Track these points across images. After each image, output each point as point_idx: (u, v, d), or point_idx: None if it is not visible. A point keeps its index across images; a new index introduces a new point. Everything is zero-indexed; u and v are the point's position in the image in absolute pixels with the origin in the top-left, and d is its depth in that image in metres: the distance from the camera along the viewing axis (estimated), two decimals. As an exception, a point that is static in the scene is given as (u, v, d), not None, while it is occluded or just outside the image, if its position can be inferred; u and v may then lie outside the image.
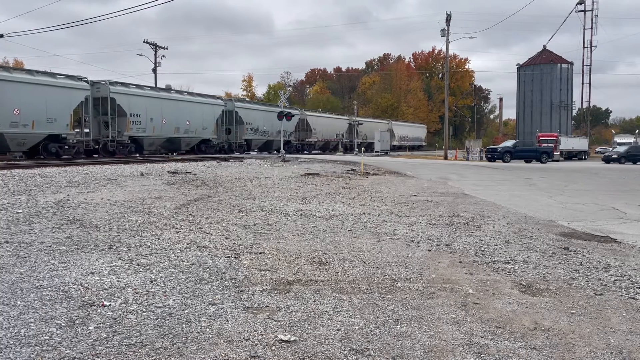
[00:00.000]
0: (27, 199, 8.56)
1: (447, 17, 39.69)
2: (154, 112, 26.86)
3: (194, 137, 30.37)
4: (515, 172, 22.03)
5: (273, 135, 38.33)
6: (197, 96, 31.72)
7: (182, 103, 29.24)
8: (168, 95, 28.63)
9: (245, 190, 11.15)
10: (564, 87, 59.70)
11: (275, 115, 38.51)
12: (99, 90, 24.06)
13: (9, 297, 3.73)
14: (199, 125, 30.31)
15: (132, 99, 25.50)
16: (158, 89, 28.49)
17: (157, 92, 28.12)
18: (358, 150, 42.47)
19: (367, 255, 5.42)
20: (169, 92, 29.12)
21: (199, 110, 30.34)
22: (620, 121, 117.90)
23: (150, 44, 45.22)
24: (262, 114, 37.50)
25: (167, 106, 27.94)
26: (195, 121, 29.89)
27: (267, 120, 37.31)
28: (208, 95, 33.65)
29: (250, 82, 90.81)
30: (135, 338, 3.10)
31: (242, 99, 38.70)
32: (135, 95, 25.88)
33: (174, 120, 28.39)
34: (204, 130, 30.76)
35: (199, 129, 30.36)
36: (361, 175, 17.33)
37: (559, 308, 3.88)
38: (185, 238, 5.93)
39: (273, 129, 38.00)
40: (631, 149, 39.59)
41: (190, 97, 30.85)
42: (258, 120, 36.68)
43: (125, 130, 25.20)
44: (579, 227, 7.50)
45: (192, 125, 29.68)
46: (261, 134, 37.29)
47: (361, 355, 2.97)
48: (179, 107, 28.85)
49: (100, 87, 24.15)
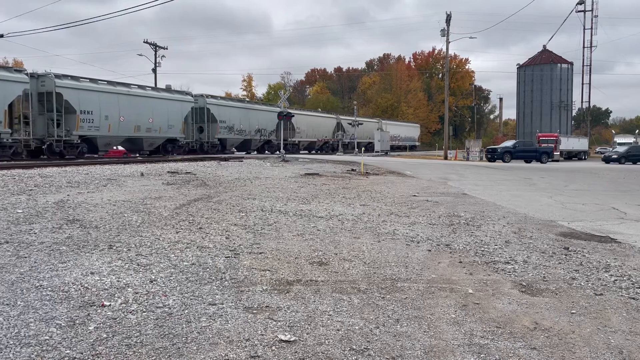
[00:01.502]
0: (27, 199, 8.56)
1: (447, 17, 39.71)
2: (109, 108, 24.24)
3: (158, 137, 27.79)
4: (515, 172, 22.02)
5: (251, 134, 36.12)
6: (162, 92, 29.22)
7: (144, 99, 26.61)
8: (127, 90, 25.84)
9: (245, 190, 11.14)
10: (564, 87, 59.71)
11: (253, 112, 36.90)
12: (43, 84, 21.71)
13: (9, 297, 3.73)
14: (163, 124, 27.74)
15: (82, 94, 22.95)
16: (115, 83, 25.74)
17: (114, 87, 25.27)
18: (358, 150, 42.40)
19: (367, 255, 5.42)
20: (128, 86, 26.38)
21: (163, 107, 27.71)
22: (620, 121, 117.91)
23: (150, 44, 45.25)
24: (238, 111, 34.94)
25: (125, 102, 25.17)
26: (159, 119, 27.32)
27: (244, 118, 35.33)
28: (176, 90, 31.07)
29: (250, 82, 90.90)
30: (135, 338, 3.10)
31: (215, 96, 35.44)
32: (87, 90, 23.28)
33: (133, 117, 25.66)
34: (170, 129, 28.24)
35: (164, 127, 27.83)
36: (361, 175, 17.33)
37: (559, 308, 3.88)
38: (185, 238, 5.93)
39: (250, 128, 35.93)
40: (631, 149, 39.60)
41: (154, 92, 28.39)
42: (233, 118, 34.13)
43: (75, 129, 22.62)
44: (579, 227, 7.50)
45: (156, 123, 27.12)
46: (237, 132, 34.67)
47: (361, 355, 2.97)
48: (139, 104, 26.12)
49: (45, 80, 21.77)
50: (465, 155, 41.48)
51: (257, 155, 32.69)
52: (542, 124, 57.40)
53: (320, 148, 47.07)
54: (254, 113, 36.83)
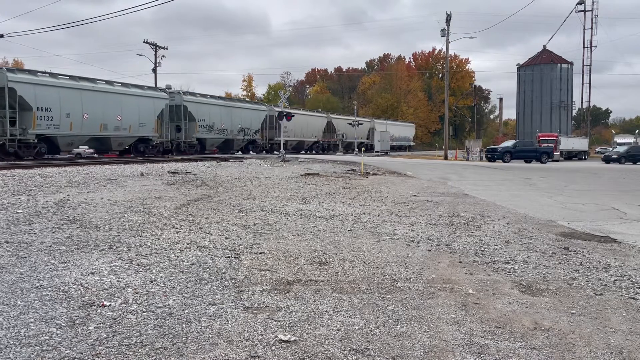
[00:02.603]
0: (27, 199, 8.56)
1: (447, 17, 39.71)
2: (71, 105, 22.48)
3: (128, 136, 25.93)
4: (515, 172, 22.02)
5: (233, 134, 34.07)
6: (132, 87, 26.92)
7: (111, 95, 24.79)
8: (91, 86, 23.90)
9: (245, 190, 11.14)
10: (564, 87, 59.70)
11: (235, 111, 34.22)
12: None
13: (9, 297, 3.73)
14: (134, 122, 25.79)
15: (39, 90, 21.33)
16: (78, 77, 23.86)
17: (76, 82, 23.38)
18: (358, 151, 42.40)
19: (367, 255, 5.42)
20: (93, 82, 24.51)
21: (133, 104, 25.78)
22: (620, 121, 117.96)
23: (150, 44, 45.25)
24: (218, 109, 32.72)
25: (90, 98, 23.40)
26: (128, 117, 25.44)
27: (226, 116, 33.09)
28: (148, 86, 28.64)
29: (250, 82, 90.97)
30: (135, 338, 3.10)
31: (194, 93, 33.05)
32: (45, 85, 21.65)
33: (99, 115, 23.85)
34: (141, 127, 26.29)
35: (135, 125, 25.90)
36: (361, 175, 17.33)
37: (559, 308, 3.88)
38: (185, 238, 5.93)
39: (233, 127, 33.84)
40: (631, 149, 39.62)
41: (122, 88, 26.11)
42: (214, 116, 32.03)
43: (31, 127, 21.06)
44: (579, 227, 7.50)
45: (125, 121, 25.24)
46: (218, 132, 32.50)
47: (361, 355, 2.97)
48: (106, 100, 24.31)
49: None
50: (465, 155, 41.50)
51: (257, 156, 32.58)
52: (542, 124, 57.40)
53: (310, 148, 44.91)
54: (237, 111, 34.88)
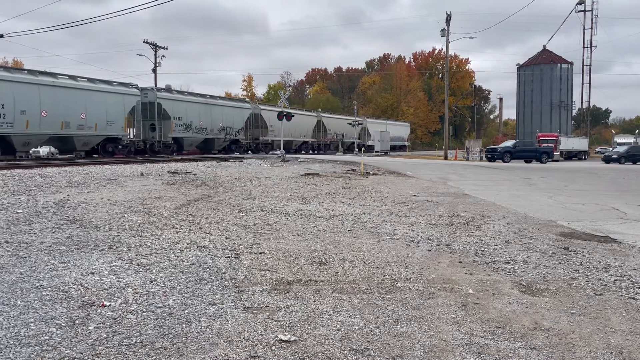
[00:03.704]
0: (27, 199, 8.56)
1: (447, 18, 39.71)
2: (27, 102, 21.11)
3: (94, 135, 24.25)
4: (515, 172, 22.02)
5: (214, 133, 32.20)
6: (99, 83, 25.09)
7: (74, 91, 23.05)
8: (51, 81, 22.25)
9: (245, 190, 11.14)
10: (564, 87, 59.73)
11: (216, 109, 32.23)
12: None
13: (9, 297, 3.73)
14: (101, 120, 24.13)
15: None
16: (37, 72, 22.65)
17: (34, 77, 22.01)
18: (358, 150, 42.38)
19: (367, 255, 5.42)
20: (53, 76, 22.93)
21: (100, 101, 24.07)
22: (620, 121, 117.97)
23: (150, 44, 45.28)
24: (197, 107, 30.89)
25: (49, 95, 21.81)
26: (94, 115, 23.73)
27: (205, 114, 31.22)
28: (118, 82, 26.63)
29: (250, 82, 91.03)
30: (135, 338, 3.10)
31: (170, 89, 30.66)
32: None
33: (60, 113, 22.24)
34: (109, 126, 24.63)
35: (102, 124, 24.22)
36: (361, 175, 17.33)
37: (559, 308, 3.88)
38: (185, 238, 5.93)
39: (213, 125, 31.97)
40: (631, 149, 39.62)
41: (87, 83, 24.29)
42: (192, 114, 30.28)
43: None
44: (579, 227, 7.50)
45: (90, 119, 23.53)
46: (196, 131, 30.71)
47: (361, 355, 2.97)
48: (68, 97, 22.68)
49: None
50: (465, 155, 41.50)
51: (257, 156, 32.55)
52: (542, 124, 57.43)
53: (299, 149, 42.76)
54: (218, 109, 32.96)
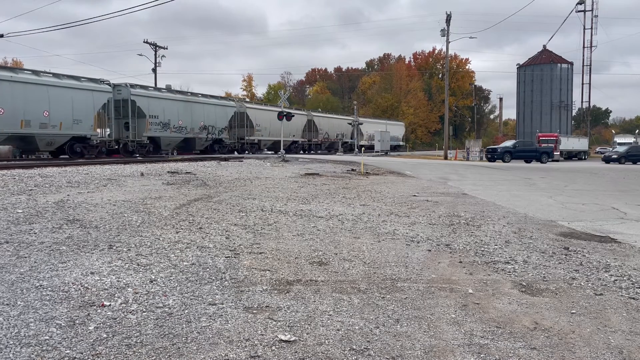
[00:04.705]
0: (27, 199, 8.56)
1: (447, 17, 39.72)
2: None
3: (59, 134, 22.58)
4: (515, 172, 22.02)
5: (194, 132, 30.69)
6: (65, 78, 23.38)
7: (35, 87, 21.55)
8: (9, 76, 20.80)
9: (245, 190, 11.14)
10: (564, 87, 59.75)
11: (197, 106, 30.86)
12: None
13: (9, 297, 3.73)
14: (66, 118, 22.54)
15: None
16: None
17: None
18: (358, 150, 42.37)
19: (367, 255, 5.42)
20: (12, 71, 21.92)
21: (65, 98, 22.52)
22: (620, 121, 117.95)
23: (151, 44, 45.31)
24: (175, 104, 29.32)
25: (5, 91, 20.36)
26: (59, 112, 22.17)
27: (185, 113, 29.79)
28: (87, 78, 24.77)
29: (250, 82, 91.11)
30: (135, 338, 3.10)
31: (145, 86, 29.02)
32: None
33: (19, 111, 20.82)
34: (76, 124, 23.02)
35: (67, 122, 22.62)
36: (361, 175, 17.33)
37: (559, 308, 3.88)
38: (185, 238, 5.93)
39: (194, 124, 30.45)
40: (631, 149, 39.64)
41: (51, 79, 22.71)
42: (170, 112, 28.61)
43: None
44: (579, 227, 7.50)
45: (55, 117, 21.95)
46: (174, 130, 29.04)
47: (361, 355, 2.97)
48: (29, 93, 21.21)
49: None
50: (465, 155, 41.54)
51: (257, 156, 32.54)
52: (542, 124, 57.44)
53: (288, 149, 40.51)
54: (199, 107, 31.34)
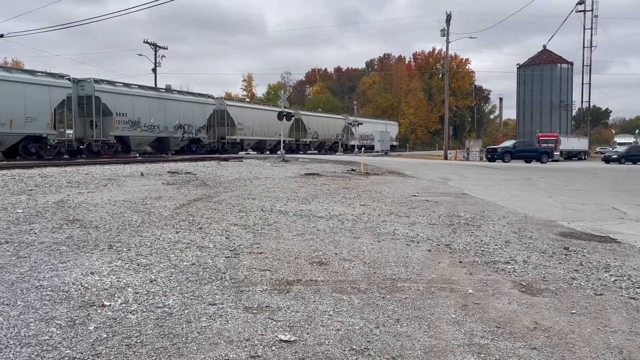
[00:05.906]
0: (27, 199, 8.56)
1: (447, 17, 39.74)
2: None
3: (10, 134, 20.64)
4: (515, 172, 22.02)
5: (168, 131, 28.56)
6: (15, 72, 21.56)
7: None
8: None
9: (245, 190, 11.14)
10: (564, 87, 59.74)
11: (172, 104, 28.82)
12: None
13: (9, 297, 3.73)
14: (17, 116, 20.63)
15: None
16: None
17: None
18: (358, 150, 42.36)
19: (367, 255, 5.42)
20: None
21: (16, 94, 20.59)
22: (620, 121, 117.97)
23: (151, 44, 45.28)
24: (147, 101, 27.05)
25: None
26: (8, 109, 20.28)
27: (157, 110, 27.59)
28: (43, 72, 22.64)
29: (250, 82, 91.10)
30: (135, 338, 3.10)
31: (112, 81, 26.35)
32: None
33: None
34: (29, 122, 21.12)
35: (19, 121, 20.70)
36: (361, 175, 17.33)
37: (559, 308, 3.88)
38: (185, 238, 5.93)
39: (167, 123, 28.33)
40: (631, 149, 39.64)
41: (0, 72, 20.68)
42: (140, 110, 26.49)
43: None
44: (579, 227, 7.50)
45: (3, 115, 20.10)
46: (145, 129, 26.90)
47: (361, 355, 2.97)
48: None
49: None
50: (465, 155, 41.54)
51: (257, 156, 32.55)
52: (542, 124, 57.42)
53: (273, 148, 38.97)
54: (173, 105, 29.12)
